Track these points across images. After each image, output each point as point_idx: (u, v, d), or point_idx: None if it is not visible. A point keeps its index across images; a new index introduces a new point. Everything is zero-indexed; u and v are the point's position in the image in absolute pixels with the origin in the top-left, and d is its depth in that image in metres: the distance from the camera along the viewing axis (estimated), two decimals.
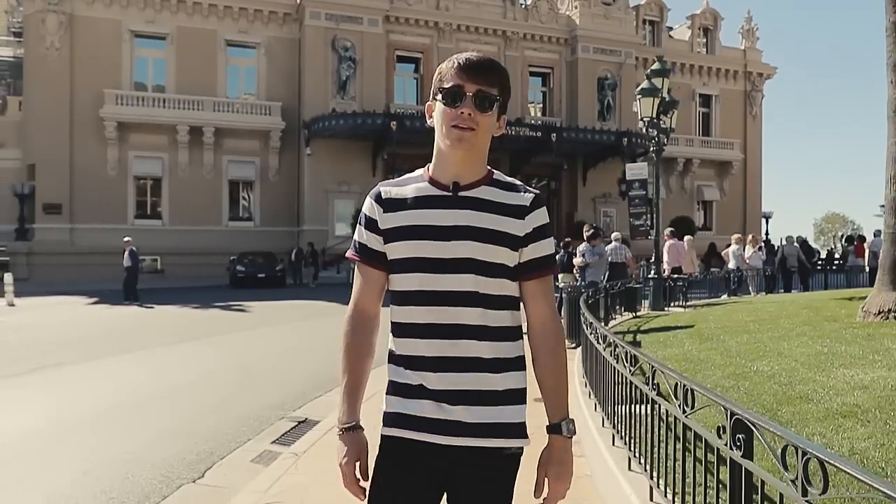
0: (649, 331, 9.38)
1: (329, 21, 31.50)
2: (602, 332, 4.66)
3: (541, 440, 1.70)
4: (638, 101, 14.55)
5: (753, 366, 5.79)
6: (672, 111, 14.59)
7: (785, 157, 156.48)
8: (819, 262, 25.72)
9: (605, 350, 4.46)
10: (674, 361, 6.26)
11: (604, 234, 15.95)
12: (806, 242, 22.07)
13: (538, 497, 1.65)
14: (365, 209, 1.71)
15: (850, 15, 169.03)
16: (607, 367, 4.39)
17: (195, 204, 30.84)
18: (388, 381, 1.69)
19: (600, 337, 4.71)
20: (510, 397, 1.64)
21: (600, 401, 4.83)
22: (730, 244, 18.76)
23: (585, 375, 5.81)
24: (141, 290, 18.89)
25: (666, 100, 14.30)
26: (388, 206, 1.66)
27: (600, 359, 4.69)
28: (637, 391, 3.56)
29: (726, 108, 41.43)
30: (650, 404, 3.31)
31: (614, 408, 4.20)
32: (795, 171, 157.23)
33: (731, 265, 17.94)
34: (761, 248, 19.16)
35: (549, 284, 1.71)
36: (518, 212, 1.63)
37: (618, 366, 4.01)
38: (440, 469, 1.63)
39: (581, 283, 11.87)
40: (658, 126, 14.19)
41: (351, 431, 1.67)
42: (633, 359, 3.66)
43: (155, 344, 10.80)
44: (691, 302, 14.30)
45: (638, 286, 13.32)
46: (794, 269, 18.81)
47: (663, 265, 14.98)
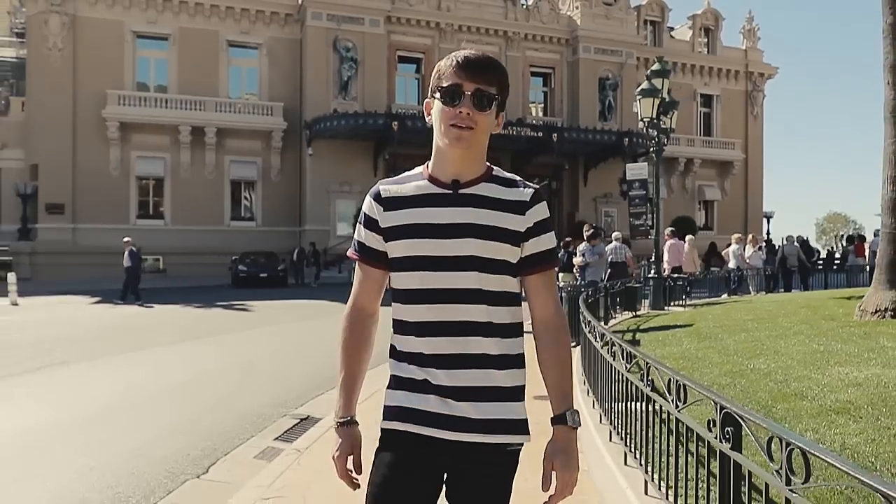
0: (648, 329, 9.45)
1: (330, 22, 31.57)
2: (599, 331, 4.73)
3: (540, 437, 1.73)
4: (638, 102, 14.61)
5: (750, 364, 5.86)
6: (672, 111, 14.66)
7: (786, 157, 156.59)
8: (819, 262, 25.76)
9: (602, 348, 4.53)
10: (672, 360, 6.33)
11: (604, 233, 16.03)
12: (806, 242, 22.11)
13: (546, 490, 1.63)
14: (365, 208, 1.71)
15: (851, 15, 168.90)
16: (605, 365, 4.46)
17: (197, 204, 30.93)
18: (391, 376, 1.70)
19: (598, 335, 4.78)
20: (514, 394, 1.65)
21: (598, 398, 4.92)
22: (730, 244, 18.83)
23: (584, 373, 5.89)
24: (143, 290, 18.96)
25: (666, 100, 14.36)
26: (388, 204, 1.67)
27: (598, 356, 4.77)
28: (633, 388, 3.63)
29: (727, 108, 41.42)
30: (645, 400, 3.39)
31: (611, 405, 4.28)
32: (797, 171, 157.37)
33: (731, 265, 18.01)
34: (761, 247, 19.23)
35: (551, 278, 1.72)
36: (518, 207, 1.64)
37: (614, 363, 4.08)
38: (441, 464, 1.64)
39: (581, 282, 11.93)
40: (658, 126, 14.25)
41: (346, 426, 1.70)
42: (629, 356, 3.74)
43: (158, 343, 10.87)
44: (691, 301, 14.37)
45: (638, 286, 13.39)
46: (794, 269, 18.87)
47: (663, 265, 15.04)
